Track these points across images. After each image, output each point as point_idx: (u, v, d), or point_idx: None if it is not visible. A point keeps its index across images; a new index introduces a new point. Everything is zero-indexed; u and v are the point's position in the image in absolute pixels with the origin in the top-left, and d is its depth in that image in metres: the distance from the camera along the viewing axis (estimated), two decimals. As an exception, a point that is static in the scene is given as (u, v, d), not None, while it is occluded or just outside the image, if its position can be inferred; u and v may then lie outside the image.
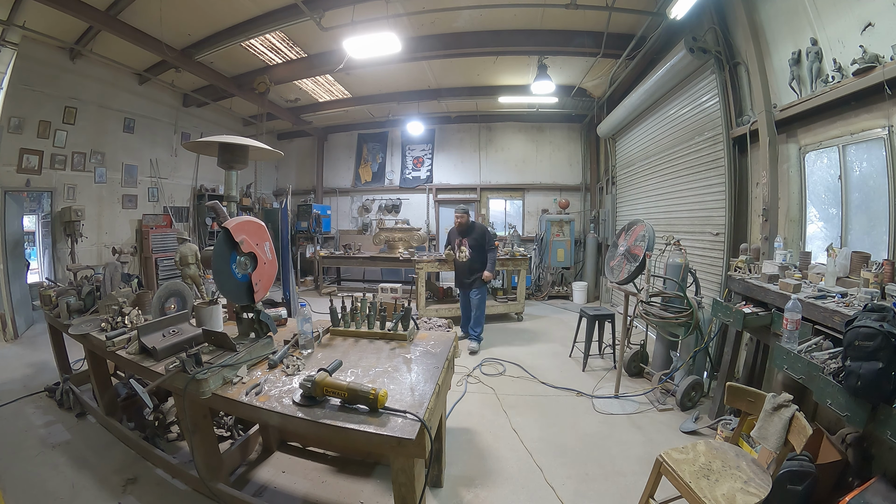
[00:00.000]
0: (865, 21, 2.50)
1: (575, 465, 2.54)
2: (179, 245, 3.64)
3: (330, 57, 5.63)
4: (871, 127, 2.58)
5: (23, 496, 2.11)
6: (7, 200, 4.94)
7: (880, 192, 2.56)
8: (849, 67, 2.55)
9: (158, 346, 1.96)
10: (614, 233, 5.79)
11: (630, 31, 4.87)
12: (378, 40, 4.52)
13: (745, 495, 1.56)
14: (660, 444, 2.69)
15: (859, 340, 1.49)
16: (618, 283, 3.76)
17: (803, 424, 1.64)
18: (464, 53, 5.61)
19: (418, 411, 1.43)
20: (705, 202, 4.28)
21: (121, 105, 6.45)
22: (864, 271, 2.20)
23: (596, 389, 3.64)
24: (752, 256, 3.15)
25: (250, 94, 6.72)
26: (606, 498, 2.26)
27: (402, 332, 2.23)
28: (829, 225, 3.07)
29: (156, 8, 4.42)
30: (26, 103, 5.21)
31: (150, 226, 6.81)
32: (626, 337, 3.78)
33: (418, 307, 5.72)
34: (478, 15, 4.79)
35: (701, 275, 3.90)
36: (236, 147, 2.05)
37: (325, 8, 4.44)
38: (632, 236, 3.77)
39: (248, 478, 2.36)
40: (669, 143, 5.03)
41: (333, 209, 9.61)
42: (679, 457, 1.79)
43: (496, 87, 7.11)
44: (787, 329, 2.03)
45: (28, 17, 4.42)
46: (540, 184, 8.67)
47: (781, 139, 3.33)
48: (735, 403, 2.02)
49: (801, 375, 1.85)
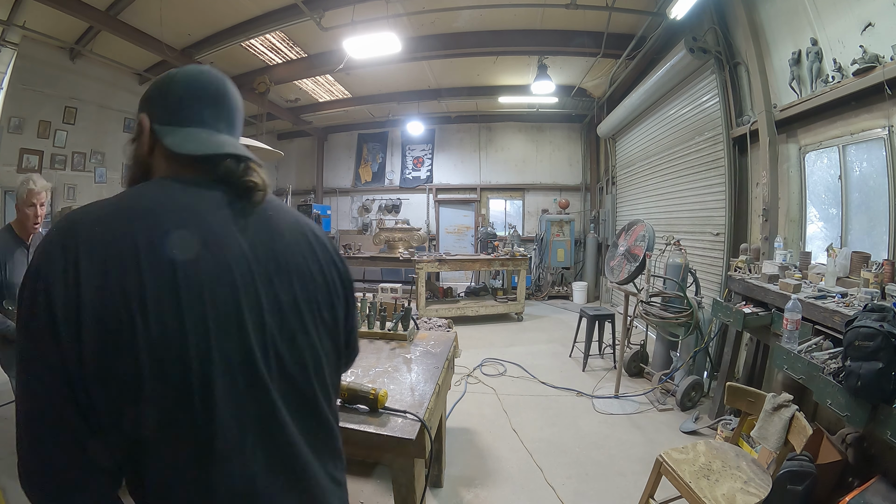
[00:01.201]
0: (865, 21, 2.50)
1: (575, 465, 2.54)
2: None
3: (330, 57, 5.63)
4: (871, 127, 2.58)
5: (23, 496, 2.10)
6: (7, 200, 4.94)
7: (880, 192, 2.56)
8: (849, 67, 2.55)
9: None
10: (614, 233, 5.79)
11: (630, 31, 4.87)
12: (378, 40, 4.52)
13: (745, 495, 1.56)
14: (660, 444, 2.69)
15: (859, 340, 1.49)
16: (618, 283, 3.76)
17: (803, 424, 1.64)
18: (464, 53, 5.61)
19: (418, 411, 1.43)
20: (705, 202, 4.28)
21: (121, 105, 6.44)
22: (864, 271, 2.20)
23: (596, 389, 3.63)
24: (752, 256, 3.15)
25: (250, 94, 6.70)
26: (606, 498, 2.26)
27: (402, 332, 2.23)
28: (829, 225, 3.07)
29: (156, 8, 4.42)
30: (26, 103, 5.20)
31: (150, 226, 6.81)
32: (626, 337, 3.78)
33: (418, 307, 5.72)
34: (478, 15, 4.78)
35: (701, 275, 3.90)
36: (236, 147, 2.06)
37: (325, 8, 4.44)
38: (632, 236, 3.77)
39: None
40: (669, 143, 5.03)
41: (333, 209, 9.61)
42: (679, 457, 1.79)
43: (496, 87, 7.11)
44: (787, 329, 2.03)
45: (28, 17, 4.42)
46: (540, 184, 8.67)
47: (781, 139, 3.33)
48: (735, 403, 2.02)
49: (801, 375, 1.85)
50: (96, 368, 0.50)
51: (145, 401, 0.51)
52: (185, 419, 0.53)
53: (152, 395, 0.51)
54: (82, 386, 0.50)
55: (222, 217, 0.61)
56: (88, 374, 0.50)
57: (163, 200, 0.59)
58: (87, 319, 0.50)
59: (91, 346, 0.50)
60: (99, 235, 0.53)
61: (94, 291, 0.50)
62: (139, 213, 0.56)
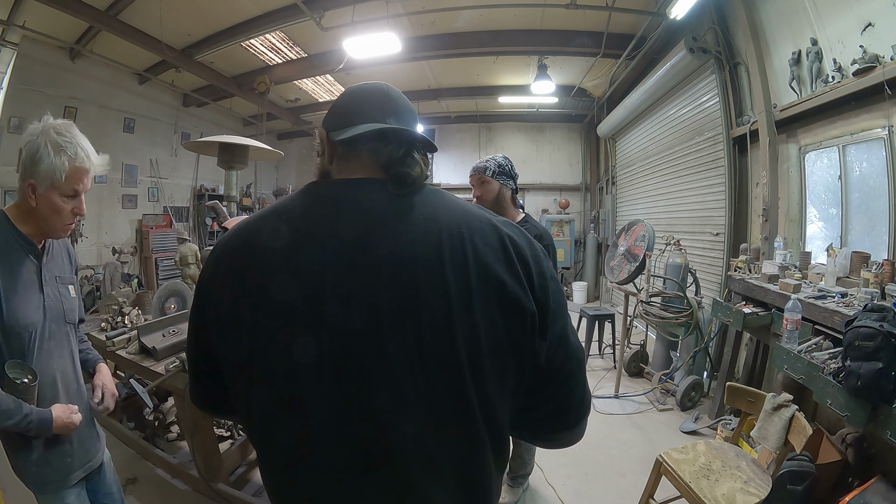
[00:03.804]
0: (865, 21, 2.50)
1: (575, 465, 2.54)
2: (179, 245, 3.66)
3: (330, 57, 5.63)
4: (871, 127, 2.58)
5: (23, 496, 2.11)
6: (7, 200, 4.95)
7: (880, 192, 2.56)
8: (849, 67, 2.55)
9: (158, 346, 1.96)
10: (614, 233, 5.79)
11: (630, 31, 4.86)
12: (378, 40, 4.52)
13: (745, 495, 1.56)
14: (660, 444, 2.69)
15: (859, 340, 1.49)
16: (618, 283, 3.76)
17: (803, 424, 1.65)
18: (464, 53, 5.61)
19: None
20: (705, 202, 4.28)
21: (121, 105, 6.44)
22: (863, 271, 2.20)
23: (596, 389, 3.63)
24: (752, 256, 3.15)
25: (250, 94, 6.71)
26: (606, 498, 2.26)
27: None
28: (829, 225, 3.06)
29: (156, 8, 4.42)
30: (26, 103, 5.20)
31: (150, 226, 6.81)
32: (626, 337, 3.78)
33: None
34: (478, 15, 4.78)
35: (701, 275, 3.90)
36: (236, 147, 2.05)
37: (325, 8, 4.44)
38: (632, 236, 3.77)
39: (248, 478, 2.36)
40: (669, 143, 5.03)
41: (333, 209, 9.60)
42: (679, 457, 1.79)
43: (496, 87, 7.11)
44: (787, 329, 2.03)
45: (28, 17, 4.41)
46: (540, 184, 8.66)
47: (781, 139, 3.33)
48: (735, 403, 2.02)
49: (801, 375, 1.85)
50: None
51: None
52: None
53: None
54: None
55: (366, 208, 0.62)
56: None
57: (317, 207, 0.65)
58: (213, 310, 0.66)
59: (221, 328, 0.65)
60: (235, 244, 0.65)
61: (227, 283, 0.64)
62: (278, 224, 0.64)
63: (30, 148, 1.05)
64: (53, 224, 1.12)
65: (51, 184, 1.06)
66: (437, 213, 0.62)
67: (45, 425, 1.09)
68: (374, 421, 0.57)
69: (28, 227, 1.11)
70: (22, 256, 1.10)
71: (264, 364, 0.59)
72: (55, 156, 1.04)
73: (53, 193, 1.07)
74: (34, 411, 1.06)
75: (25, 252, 1.10)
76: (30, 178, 1.05)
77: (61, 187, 1.07)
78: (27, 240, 1.11)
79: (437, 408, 0.57)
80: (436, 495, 0.59)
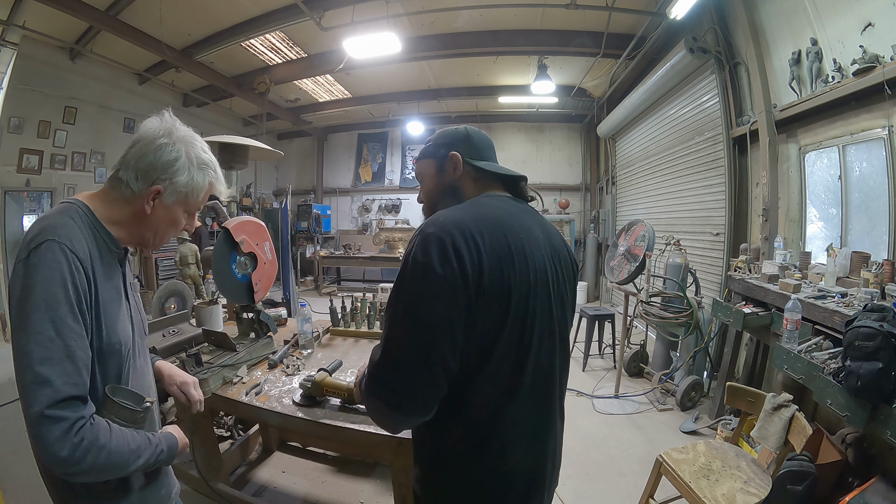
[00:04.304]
0: (865, 21, 2.50)
1: (575, 465, 2.54)
2: (179, 245, 3.65)
3: (330, 57, 5.63)
4: (871, 127, 2.58)
5: (23, 496, 2.11)
6: (7, 200, 4.95)
7: (880, 192, 2.56)
8: (849, 67, 2.55)
9: (158, 346, 1.96)
10: (614, 233, 5.79)
11: (630, 31, 4.87)
12: (378, 40, 4.52)
13: (745, 495, 1.56)
14: (660, 444, 2.69)
15: (859, 340, 1.49)
16: (618, 283, 3.76)
17: (803, 424, 1.65)
18: (464, 53, 5.61)
19: (419, 411, 1.43)
20: (705, 202, 4.28)
21: (121, 105, 6.44)
22: (863, 271, 2.20)
23: (596, 389, 3.64)
24: (752, 256, 3.15)
25: (250, 94, 6.71)
26: (606, 498, 2.26)
27: (402, 332, 2.23)
28: (829, 225, 3.06)
29: (156, 8, 4.42)
30: (26, 103, 5.20)
31: (150, 226, 6.80)
32: (626, 337, 3.78)
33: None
34: (478, 15, 4.78)
35: (701, 275, 3.90)
36: (236, 147, 2.05)
37: (325, 8, 4.44)
38: (632, 236, 3.77)
39: (248, 478, 2.36)
40: (669, 143, 5.03)
41: (333, 209, 9.61)
42: (679, 457, 1.79)
43: (496, 87, 7.11)
44: (787, 329, 2.03)
45: (28, 17, 4.42)
46: (540, 184, 8.65)
47: (781, 139, 3.33)
48: (735, 403, 2.02)
49: (801, 375, 1.85)
50: (486, 310, 0.77)
51: (501, 340, 0.79)
52: (516, 351, 0.81)
53: (508, 333, 0.79)
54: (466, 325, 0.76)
55: (529, 218, 0.92)
56: (479, 314, 0.76)
57: (503, 207, 0.89)
58: (486, 275, 0.76)
59: (487, 293, 0.76)
60: (482, 225, 0.80)
61: (492, 256, 0.77)
62: (499, 215, 0.85)
63: (164, 153, 0.92)
64: (162, 236, 1.00)
65: (184, 198, 0.95)
66: (541, 216, 1.00)
67: (173, 451, 0.94)
68: (551, 366, 0.89)
69: (122, 230, 0.94)
70: (113, 262, 0.93)
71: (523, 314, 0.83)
72: (198, 172, 0.95)
73: (179, 207, 0.96)
74: (161, 438, 0.92)
75: (114, 256, 0.94)
76: (158, 185, 0.92)
77: (191, 204, 0.98)
78: (116, 243, 0.94)
79: (565, 344, 0.94)
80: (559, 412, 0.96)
